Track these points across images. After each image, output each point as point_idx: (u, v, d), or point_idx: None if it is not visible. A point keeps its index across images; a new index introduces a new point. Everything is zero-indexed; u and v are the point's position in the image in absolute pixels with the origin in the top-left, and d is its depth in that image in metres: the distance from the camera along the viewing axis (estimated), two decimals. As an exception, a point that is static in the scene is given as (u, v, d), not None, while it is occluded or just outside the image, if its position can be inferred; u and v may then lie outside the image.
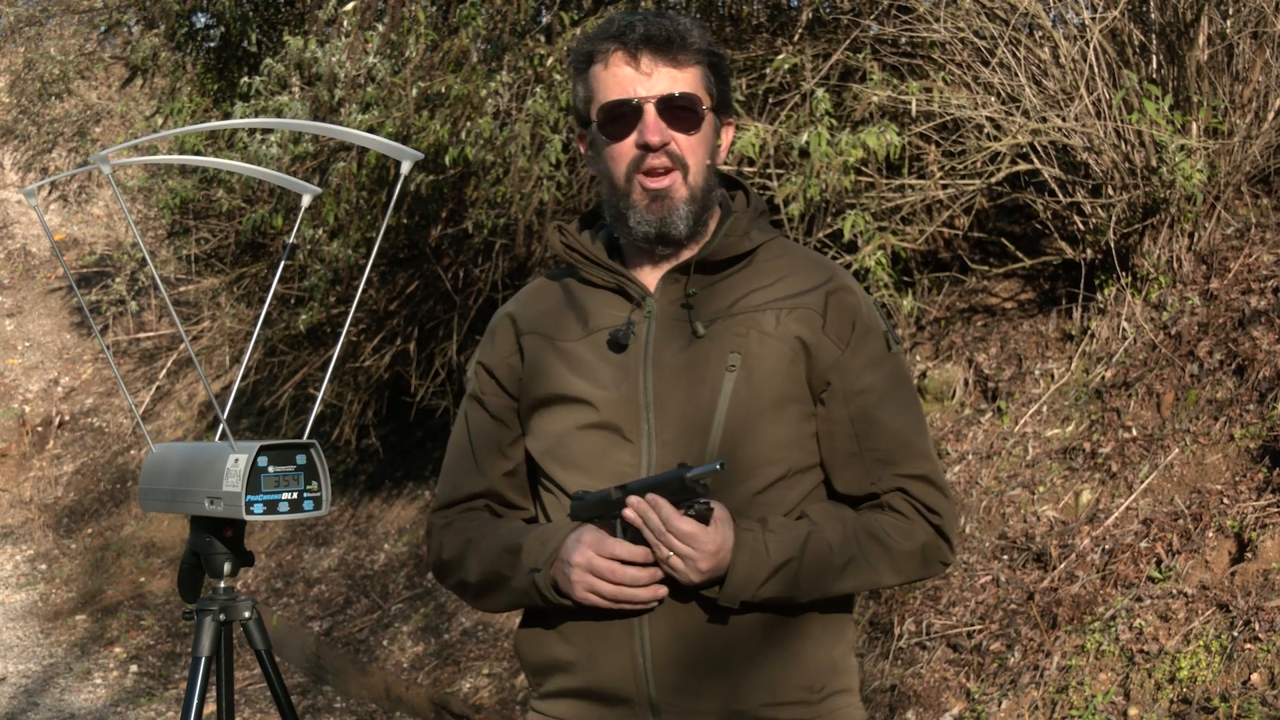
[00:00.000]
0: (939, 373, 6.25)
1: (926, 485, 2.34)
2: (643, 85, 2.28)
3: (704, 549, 2.15)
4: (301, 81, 7.31)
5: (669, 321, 2.32)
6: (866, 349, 2.34)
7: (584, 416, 2.30)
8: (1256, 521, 4.62)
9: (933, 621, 5.16)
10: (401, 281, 8.27)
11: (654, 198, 2.29)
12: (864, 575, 2.28)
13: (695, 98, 2.30)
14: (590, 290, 2.38)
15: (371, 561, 8.64)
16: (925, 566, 2.35)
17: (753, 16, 7.05)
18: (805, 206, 5.75)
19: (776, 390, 2.28)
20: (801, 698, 2.30)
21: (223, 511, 2.97)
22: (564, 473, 2.32)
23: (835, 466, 2.34)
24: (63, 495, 12.03)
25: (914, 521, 2.33)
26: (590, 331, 2.34)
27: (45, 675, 8.26)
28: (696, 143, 2.30)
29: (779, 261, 2.37)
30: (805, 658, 2.31)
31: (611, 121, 2.30)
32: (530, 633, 2.39)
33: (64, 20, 12.48)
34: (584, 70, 2.34)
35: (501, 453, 2.43)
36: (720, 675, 2.26)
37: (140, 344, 13.42)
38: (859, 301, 2.36)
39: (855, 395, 2.32)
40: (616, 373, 2.30)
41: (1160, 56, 6.04)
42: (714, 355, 2.28)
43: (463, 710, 6.67)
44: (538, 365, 2.37)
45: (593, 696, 2.31)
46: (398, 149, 3.10)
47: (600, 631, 2.27)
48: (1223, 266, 5.71)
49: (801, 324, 2.30)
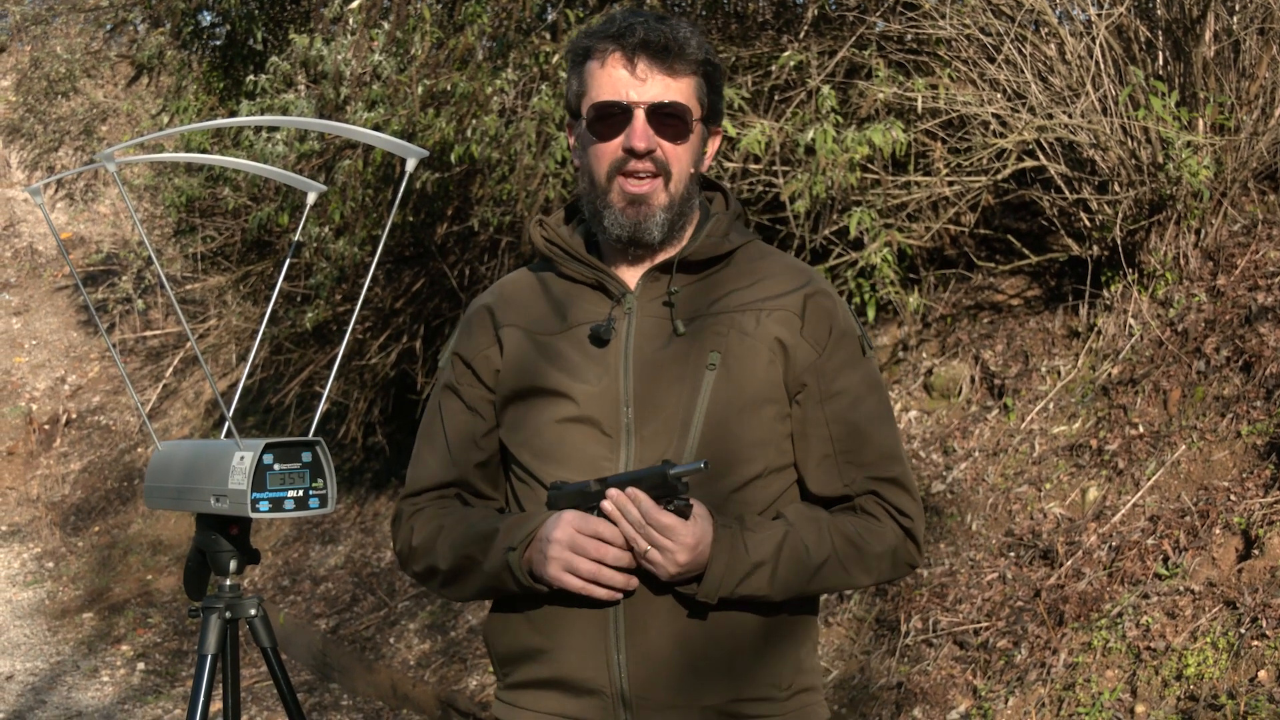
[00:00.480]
0: (945, 370, 6.24)
1: (897, 488, 2.38)
2: (636, 90, 2.30)
3: (682, 542, 2.17)
4: (307, 79, 7.31)
5: (649, 319, 2.35)
6: (842, 353, 2.37)
7: (563, 410, 2.32)
8: (1263, 518, 4.61)
9: (939, 619, 5.16)
10: (407, 279, 8.28)
11: (631, 201, 2.32)
12: (838, 576, 2.32)
13: (686, 108, 2.32)
14: (569, 285, 2.41)
15: (378, 559, 8.65)
16: (894, 568, 2.40)
17: (758, 13, 7.04)
18: (811, 204, 5.75)
19: (755, 390, 2.31)
20: (769, 694, 2.33)
21: (229, 509, 2.97)
22: (540, 465, 2.33)
23: (809, 467, 2.37)
24: (69, 493, 12.04)
25: (885, 524, 2.37)
26: (569, 326, 2.37)
27: (52, 673, 8.27)
28: (682, 151, 2.33)
29: (758, 264, 2.41)
30: (774, 655, 2.34)
31: (600, 120, 2.32)
32: (499, 620, 2.40)
33: (70, 19, 12.49)
34: (580, 64, 2.36)
35: (476, 444, 2.44)
36: (691, 670, 2.28)
37: (146, 342, 13.44)
38: (836, 306, 2.39)
39: (831, 398, 2.35)
40: (596, 368, 2.32)
41: (1166, 53, 6.03)
42: (694, 353, 2.31)
43: (469, 708, 6.67)
44: (516, 358, 2.38)
45: (562, 687, 2.32)
46: (403, 147, 3.09)
47: (572, 622, 2.28)
48: (1229, 263, 5.70)
49: (780, 325, 2.33)
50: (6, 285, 15.11)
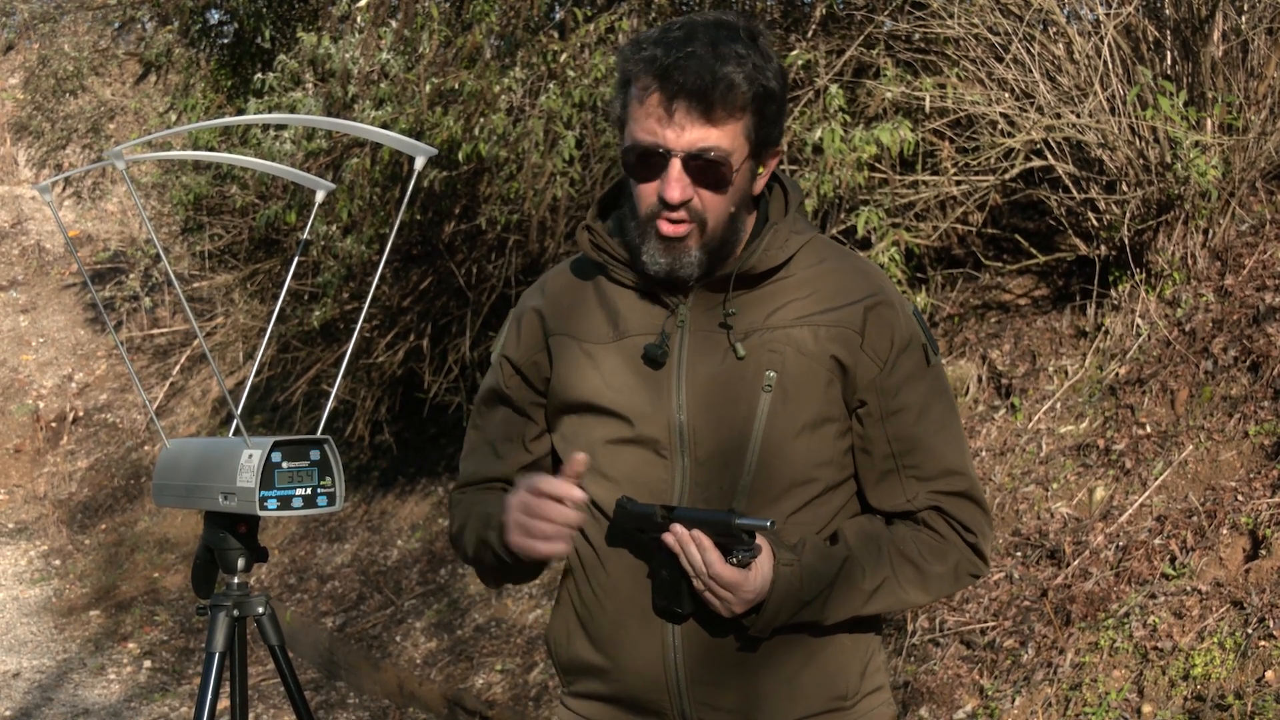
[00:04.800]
0: (952, 369, 6.24)
1: (964, 501, 2.32)
2: (673, 134, 2.15)
3: (743, 597, 2.14)
4: (315, 78, 7.31)
5: (703, 335, 2.26)
6: (904, 366, 2.28)
7: (616, 430, 2.27)
8: (1271, 518, 4.61)
9: (946, 618, 5.16)
10: (415, 278, 8.28)
11: (665, 243, 2.21)
12: (893, 597, 2.27)
13: (726, 156, 2.16)
14: (620, 290, 2.32)
15: (385, 557, 8.65)
16: (955, 582, 2.34)
17: (766, 13, 7.04)
18: (819, 203, 5.75)
19: (813, 410, 2.24)
20: (834, 706, 2.31)
21: (237, 507, 2.98)
22: (592, 482, 2.27)
23: (870, 483, 2.31)
24: (77, 491, 12.06)
25: (949, 540, 2.31)
26: (621, 335, 2.29)
27: (59, 671, 8.28)
28: (721, 200, 2.19)
29: (817, 269, 2.29)
30: (836, 669, 2.31)
31: (638, 162, 2.19)
32: (561, 630, 2.39)
33: (78, 17, 12.49)
34: (624, 85, 2.22)
35: (524, 446, 2.42)
36: (752, 687, 2.25)
37: (154, 340, 13.45)
38: (898, 315, 2.28)
39: (893, 415, 2.27)
40: (649, 387, 2.26)
41: (1175, 52, 6.03)
42: (750, 373, 2.23)
43: (476, 706, 6.68)
44: (567, 370, 2.32)
45: (623, 704, 2.31)
46: (411, 145, 3.10)
47: (630, 640, 2.27)
48: (1237, 263, 5.70)
49: (839, 344, 2.24)
50: (14, 283, 15.13)
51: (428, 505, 8.84)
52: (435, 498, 8.84)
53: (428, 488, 9.01)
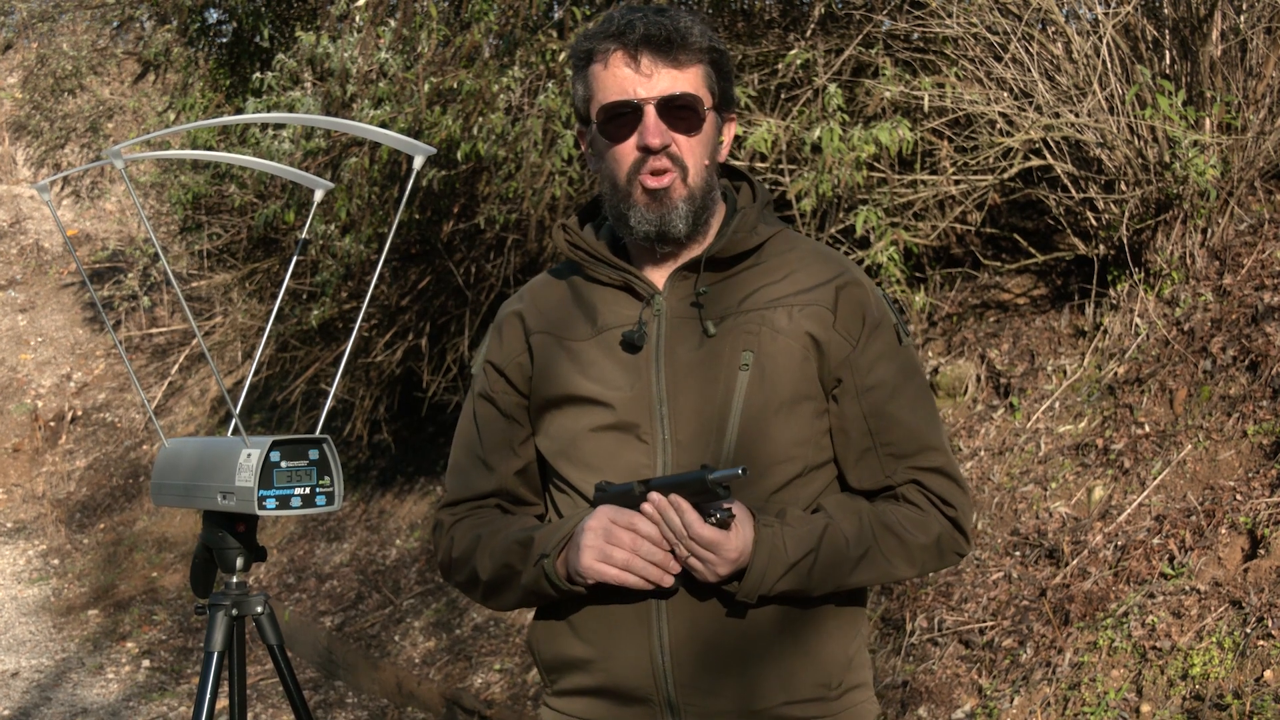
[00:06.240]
0: (951, 369, 6.24)
1: (940, 477, 2.34)
2: (643, 86, 2.26)
3: (725, 556, 2.15)
4: (314, 77, 7.31)
5: (679, 320, 2.31)
6: (877, 344, 2.33)
7: (598, 418, 2.30)
8: (1269, 518, 4.61)
9: (945, 618, 5.16)
10: (413, 277, 8.28)
11: (653, 197, 2.27)
12: (879, 568, 2.29)
13: (696, 98, 2.27)
14: (597, 288, 2.37)
15: (383, 557, 8.65)
16: (940, 558, 2.35)
17: (765, 12, 7.04)
18: (817, 202, 5.75)
19: (790, 388, 2.27)
20: (819, 694, 2.31)
21: (235, 506, 2.97)
22: (578, 473, 2.31)
23: (849, 462, 2.34)
24: (75, 490, 12.06)
25: (928, 513, 2.33)
26: (599, 330, 2.33)
27: (58, 670, 8.28)
28: (696, 143, 2.28)
29: (788, 256, 2.36)
30: (822, 654, 2.31)
31: (611, 122, 2.28)
32: (544, 628, 2.38)
33: (77, 16, 12.49)
34: (583, 68, 2.32)
35: (514, 451, 2.42)
36: (738, 674, 2.26)
37: (153, 339, 13.45)
38: (868, 295, 2.35)
39: (867, 391, 2.31)
40: (629, 373, 2.29)
41: (1173, 52, 6.03)
42: (726, 353, 2.27)
43: (474, 705, 6.68)
44: (548, 365, 2.36)
45: (609, 695, 2.31)
46: (410, 144, 3.10)
47: (616, 629, 2.27)
48: (1236, 262, 5.70)
49: (813, 321, 2.29)
50: (13, 282, 15.12)
51: (426, 504, 8.84)
52: (434, 497, 8.83)
53: (426, 487, 9.01)
